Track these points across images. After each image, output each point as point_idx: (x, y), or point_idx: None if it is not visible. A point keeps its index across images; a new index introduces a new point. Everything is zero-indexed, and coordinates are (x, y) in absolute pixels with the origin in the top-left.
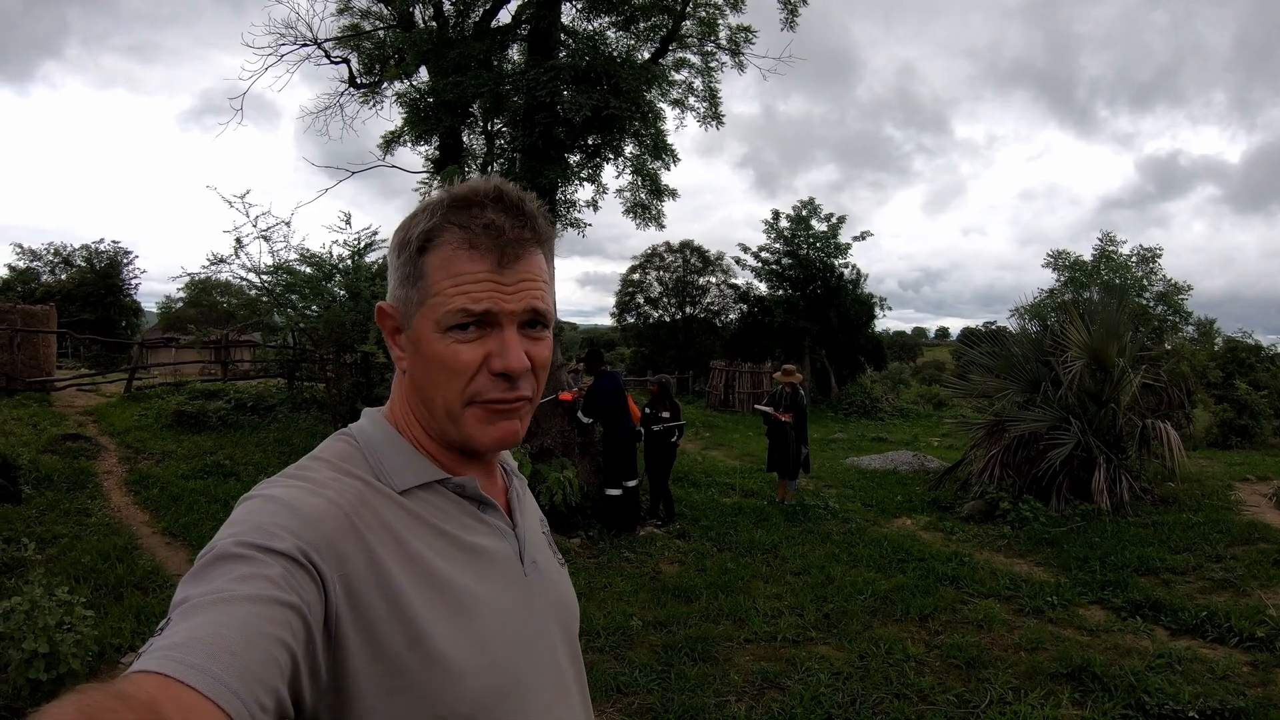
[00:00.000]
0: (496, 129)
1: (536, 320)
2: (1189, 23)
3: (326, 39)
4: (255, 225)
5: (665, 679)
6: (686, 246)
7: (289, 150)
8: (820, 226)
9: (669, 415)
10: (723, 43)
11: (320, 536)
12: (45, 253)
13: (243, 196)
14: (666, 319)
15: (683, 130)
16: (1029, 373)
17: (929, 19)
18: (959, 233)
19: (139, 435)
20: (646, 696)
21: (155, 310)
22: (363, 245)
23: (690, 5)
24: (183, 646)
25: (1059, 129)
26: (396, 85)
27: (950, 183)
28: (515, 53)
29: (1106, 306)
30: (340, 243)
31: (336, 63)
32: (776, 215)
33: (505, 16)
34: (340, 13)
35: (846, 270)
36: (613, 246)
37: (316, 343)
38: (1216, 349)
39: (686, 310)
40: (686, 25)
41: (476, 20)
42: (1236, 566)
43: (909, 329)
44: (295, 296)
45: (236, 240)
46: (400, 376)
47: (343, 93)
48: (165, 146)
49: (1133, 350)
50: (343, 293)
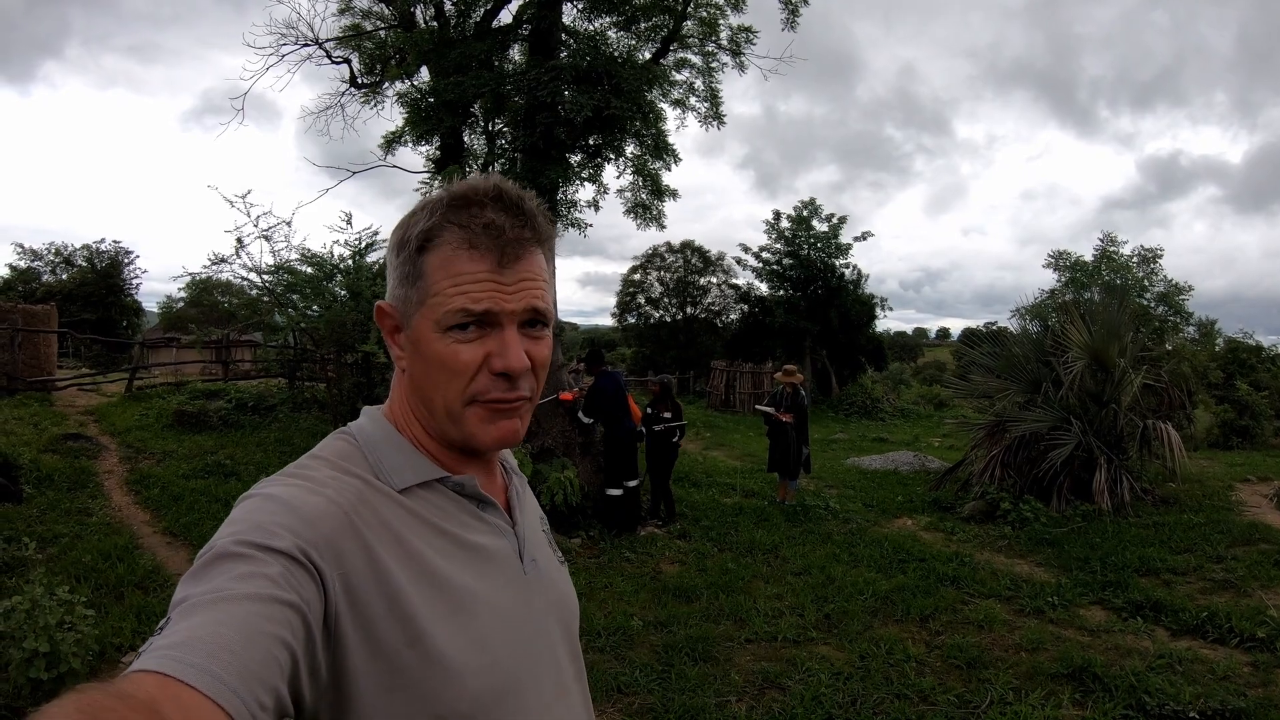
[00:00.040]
0: (497, 129)
1: (536, 319)
2: (1190, 23)
3: (328, 39)
4: (256, 225)
5: (666, 679)
6: (687, 247)
7: (290, 150)
8: (821, 227)
9: (671, 415)
10: (724, 43)
11: (319, 535)
12: (46, 252)
13: (244, 196)
14: (667, 319)
15: (684, 130)
16: (1030, 373)
17: (929, 19)
18: (959, 233)
19: (140, 435)
20: (647, 696)
21: (156, 310)
22: (364, 245)
23: (691, 5)
24: (182, 645)
25: (1059, 129)
26: (397, 85)
27: (951, 183)
28: (516, 53)
29: (1107, 307)
30: (341, 242)
31: (337, 63)
32: (777, 215)
33: (506, 16)
34: (341, 13)
35: (847, 270)
36: (614, 247)
37: (317, 343)
38: (1217, 349)
39: (687, 310)
40: (687, 25)
41: (477, 20)
42: (1237, 567)
43: (910, 329)
44: (296, 296)
45: (237, 240)
46: (399, 375)
47: (344, 93)
48: (166, 147)
49: (1134, 351)
50: (344, 293)
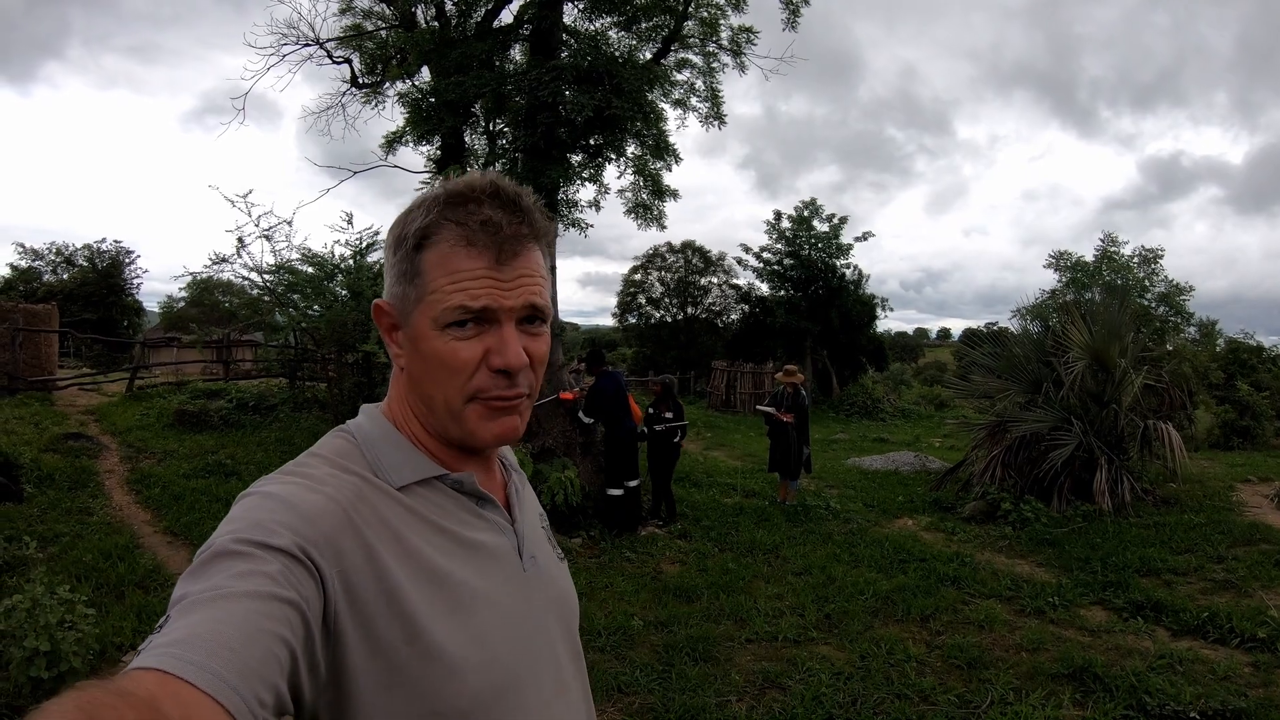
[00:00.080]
0: (498, 129)
1: (534, 316)
2: (1191, 23)
3: (329, 39)
4: (257, 225)
5: (666, 679)
6: (688, 247)
7: (291, 150)
8: (822, 227)
9: (672, 415)
10: (724, 43)
11: (318, 533)
12: (47, 252)
13: (245, 196)
14: (668, 319)
15: (684, 131)
16: (1031, 373)
17: (931, 20)
18: (961, 233)
19: (140, 434)
20: (647, 696)
21: (157, 310)
22: (364, 245)
23: (692, 5)
24: (182, 643)
25: (1061, 130)
26: (398, 85)
27: (952, 183)
28: (517, 53)
29: (1108, 307)
30: (342, 242)
31: (339, 63)
32: (778, 216)
33: (507, 16)
34: (342, 13)
35: (848, 271)
36: (614, 247)
37: (318, 342)
38: (1218, 350)
39: (688, 310)
40: (688, 26)
41: (478, 20)
42: (1238, 567)
43: (911, 330)
44: (297, 296)
45: (238, 240)
46: (398, 373)
47: (345, 93)
48: (167, 147)
49: (1134, 351)
50: (344, 292)
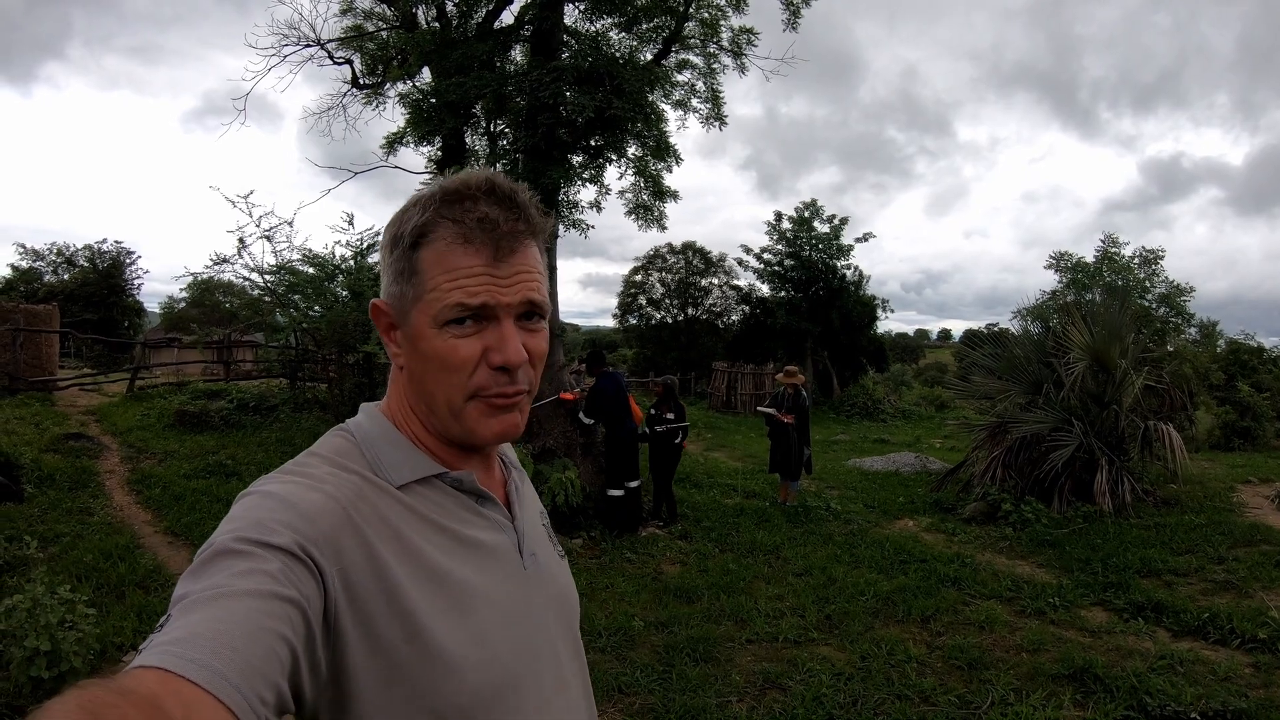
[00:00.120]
0: (499, 130)
1: (533, 312)
2: (1192, 24)
3: (329, 40)
4: (258, 225)
5: (667, 679)
6: (689, 248)
7: (291, 151)
8: (822, 228)
9: (673, 416)
10: (725, 44)
11: (318, 531)
12: (48, 253)
13: (246, 197)
14: (669, 320)
15: (685, 132)
16: (1031, 374)
17: (931, 21)
18: (961, 235)
19: (141, 435)
20: (648, 697)
21: (158, 310)
22: (365, 246)
23: (693, 6)
24: (183, 642)
25: (1061, 131)
26: (399, 86)
27: (953, 185)
28: (518, 54)
29: (1109, 308)
30: (343, 243)
31: (339, 63)
32: (779, 217)
33: (508, 17)
34: (343, 13)
35: (849, 272)
36: (615, 248)
37: (319, 343)
38: (1219, 351)
39: (689, 311)
40: (689, 27)
41: (479, 21)
42: (1239, 568)
43: (911, 331)
44: (298, 297)
45: (239, 240)
46: (397, 373)
47: (345, 93)
48: (168, 147)
49: (1135, 352)
50: (345, 293)
